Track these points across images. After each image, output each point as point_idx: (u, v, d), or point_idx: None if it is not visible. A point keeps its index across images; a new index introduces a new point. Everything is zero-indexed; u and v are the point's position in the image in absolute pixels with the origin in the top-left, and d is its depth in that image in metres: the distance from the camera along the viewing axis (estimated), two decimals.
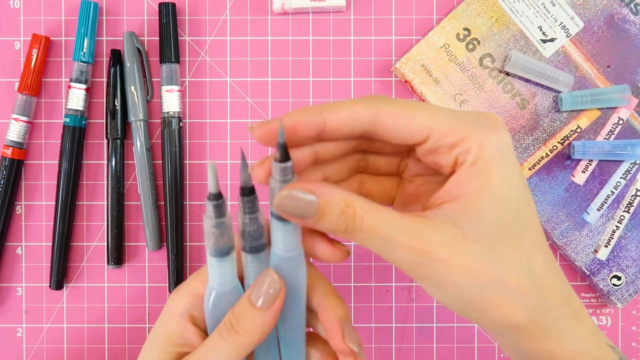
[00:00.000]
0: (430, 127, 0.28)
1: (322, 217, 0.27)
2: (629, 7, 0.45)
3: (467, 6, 0.45)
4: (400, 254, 0.27)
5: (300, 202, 0.27)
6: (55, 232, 0.45)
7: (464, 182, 0.27)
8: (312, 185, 0.27)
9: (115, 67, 0.45)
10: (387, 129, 0.28)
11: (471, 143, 0.27)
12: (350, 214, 0.27)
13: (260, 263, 0.30)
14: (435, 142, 0.28)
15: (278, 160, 0.27)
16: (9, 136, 0.45)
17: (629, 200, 0.45)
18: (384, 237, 0.27)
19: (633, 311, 0.47)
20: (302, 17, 0.46)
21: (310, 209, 0.27)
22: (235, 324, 0.30)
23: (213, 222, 0.29)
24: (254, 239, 0.30)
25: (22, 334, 0.46)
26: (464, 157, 0.27)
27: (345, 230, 0.27)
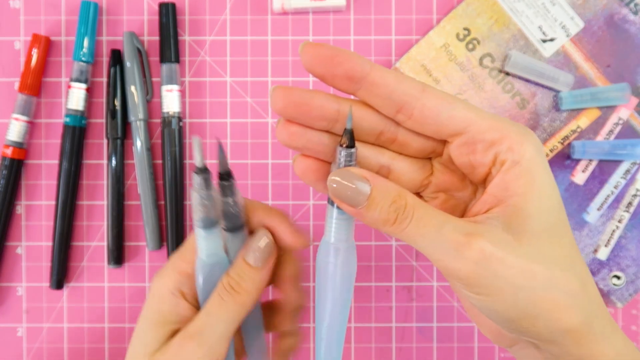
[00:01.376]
0: (471, 119, 0.27)
1: (373, 205, 0.27)
2: (629, 7, 0.45)
3: (467, 6, 0.45)
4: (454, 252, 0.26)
5: (352, 185, 0.27)
6: (55, 232, 0.45)
7: (509, 184, 0.27)
8: (366, 172, 0.27)
9: (115, 67, 0.45)
10: (428, 107, 0.27)
11: (512, 142, 0.27)
12: (402, 204, 0.27)
13: (241, 241, 0.32)
14: (473, 136, 0.27)
15: (345, 145, 0.27)
16: (9, 136, 0.45)
17: (629, 200, 0.45)
18: (436, 231, 0.26)
19: (633, 311, 0.47)
20: (302, 17, 0.46)
21: (362, 195, 0.27)
22: (235, 285, 0.31)
23: (202, 193, 0.30)
24: (234, 220, 0.32)
25: (22, 333, 0.46)
26: (505, 155, 0.27)
27: (395, 220, 0.27)
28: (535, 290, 0.26)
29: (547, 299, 0.27)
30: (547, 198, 0.27)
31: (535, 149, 0.27)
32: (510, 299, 0.27)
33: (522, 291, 0.26)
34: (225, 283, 0.32)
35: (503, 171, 0.27)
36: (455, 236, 0.26)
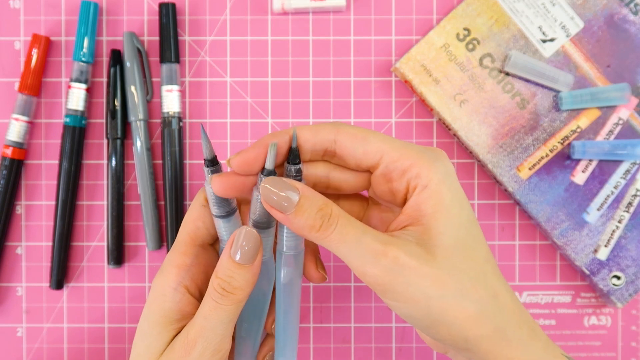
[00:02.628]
0: (383, 150, 0.31)
1: (300, 212, 0.29)
2: (629, 7, 0.45)
3: (467, 6, 0.45)
4: (371, 258, 0.29)
5: (282, 194, 0.29)
6: (55, 232, 0.45)
7: (420, 205, 0.30)
8: (295, 182, 0.30)
9: (115, 67, 0.45)
10: (344, 147, 0.31)
11: (421, 168, 0.30)
12: (327, 212, 0.29)
13: (232, 226, 0.34)
14: (387, 166, 0.31)
15: (291, 162, 0.31)
16: (9, 136, 0.45)
17: (629, 200, 0.45)
18: (357, 239, 0.29)
19: (633, 311, 0.47)
20: (302, 17, 0.46)
21: (290, 201, 0.29)
22: (226, 286, 0.32)
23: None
24: (224, 206, 0.33)
25: (22, 334, 0.46)
26: (415, 181, 0.30)
27: (320, 226, 0.29)
28: (447, 299, 0.29)
29: (457, 308, 0.29)
30: (455, 216, 0.30)
31: (443, 173, 0.30)
32: (423, 307, 0.29)
33: (434, 300, 0.29)
34: (216, 285, 0.32)
35: (415, 194, 0.30)
36: (373, 245, 0.29)
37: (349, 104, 0.46)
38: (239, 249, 0.31)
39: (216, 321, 0.32)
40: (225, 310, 0.32)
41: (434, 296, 0.29)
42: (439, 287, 0.29)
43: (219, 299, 0.32)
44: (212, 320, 0.32)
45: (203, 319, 0.32)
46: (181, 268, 0.33)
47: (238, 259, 0.31)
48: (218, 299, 0.32)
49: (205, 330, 0.32)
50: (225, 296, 0.32)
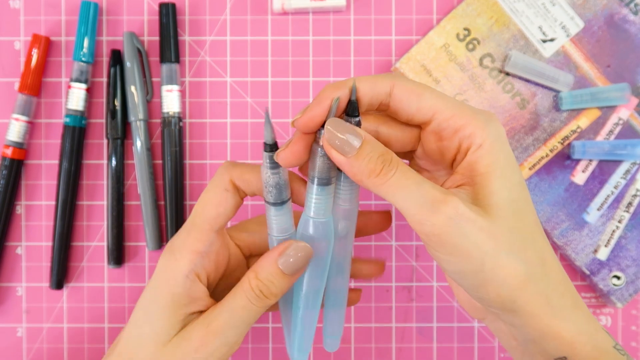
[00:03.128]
0: (436, 108, 0.30)
1: (362, 155, 0.29)
2: (629, 7, 0.45)
3: (467, 6, 0.45)
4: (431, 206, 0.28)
5: (346, 132, 0.29)
6: (55, 232, 0.45)
7: (474, 165, 0.30)
8: (358, 128, 0.29)
9: (115, 67, 0.45)
10: (399, 101, 0.30)
11: (475, 128, 0.29)
12: (388, 158, 0.29)
13: (284, 215, 0.32)
14: (439, 124, 0.30)
15: (350, 115, 0.30)
16: (9, 136, 0.45)
17: (629, 200, 0.45)
18: (417, 185, 0.28)
19: (633, 311, 0.47)
20: (302, 17, 0.46)
21: (353, 143, 0.29)
22: (264, 290, 0.32)
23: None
24: (278, 193, 0.31)
25: (22, 334, 0.46)
26: (469, 140, 0.30)
27: (381, 170, 0.29)
28: (500, 256, 0.28)
29: (509, 267, 0.29)
30: (508, 177, 0.30)
31: (497, 134, 0.30)
32: (477, 262, 0.29)
33: (488, 255, 0.28)
34: (254, 286, 0.32)
35: (469, 154, 0.30)
36: (433, 192, 0.28)
37: None
38: (289, 260, 0.31)
39: (242, 319, 0.32)
40: (254, 311, 0.32)
41: (489, 251, 0.28)
42: (494, 243, 0.28)
43: (254, 299, 0.32)
44: (238, 318, 0.32)
45: (230, 314, 0.32)
46: (196, 254, 0.32)
47: (284, 269, 0.31)
48: (253, 299, 0.32)
49: (228, 326, 0.32)
50: (260, 299, 0.32)
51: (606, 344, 0.31)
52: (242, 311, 0.32)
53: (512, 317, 0.30)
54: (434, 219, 0.28)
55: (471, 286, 0.30)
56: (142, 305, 0.33)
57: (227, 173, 0.33)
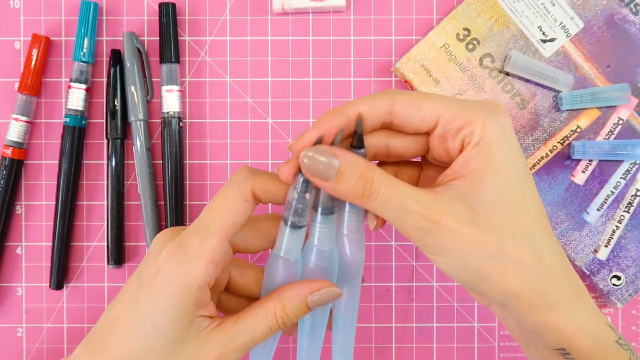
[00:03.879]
0: (439, 113, 0.30)
1: (342, 179, 0.29)
2: (629, 7, 0.45)
3: (467, 6, 0.45)
4: (413, 221, 0.29)
5: (322, 160, 0.29)
6: (55, 232, 0.45)
7: (469, 161, 0.30)
8: (336, 149, 0.30)
9: (115, 67, 0.45)
10: (401, 116, 0.31)
11: (475, 125, 0.30)
12: (369, 178, 0.29)
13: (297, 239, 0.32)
14: (443, 127, 0.30)
15: (356, 146, 0.31)
16: (9, 136, 0.45)
17: (629, 200, 0.45)
18: (398, 205, 0.29)
19: (633, 311, 0.47)
20: (302, 17, 0.46)
21: (331, 169, 0.29)
22: (287, 322, 0.32)
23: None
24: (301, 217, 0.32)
25: (22, 334, 0.46)
26: (469, 138, 0.30)
27: (362, 194, 0.29)
28: (484, 258, 0.29)
29: (495, 266, 0.29)
30: (503, 174, 0.30)
31: (497, 129, 0.30)
32: (460, 263, 0.29)
33: (470, 257, 0.29)
34: (279, 317, 0.32)
35: (465, 150, 0.30)
36: (415, 208, 0.29)
37: None
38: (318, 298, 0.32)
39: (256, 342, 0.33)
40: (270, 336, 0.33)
41: (470, 254, 0.29)
42: (477, 246, 0.29)
43: (275, 328, 0.32)
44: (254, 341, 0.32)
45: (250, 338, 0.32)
46: (211, 265, 0.31)
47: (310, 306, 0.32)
48: (274, 328, 0.32)
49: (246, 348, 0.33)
50: (279, 328, 0.33)
51: (608, 338, 0.31)
52: (261, 337, 0.33)
53: (510, 310, 0.31)
54: (416, 233, 0.29)
55: (462, 281, 0.31)
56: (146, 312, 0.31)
57: (249, 182, 0.32)
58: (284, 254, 0.32)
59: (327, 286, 0.33)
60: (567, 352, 0.31)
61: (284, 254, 0.32)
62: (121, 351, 0.32)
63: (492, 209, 0.29)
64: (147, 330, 0.31)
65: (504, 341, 0.47)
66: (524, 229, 0.30)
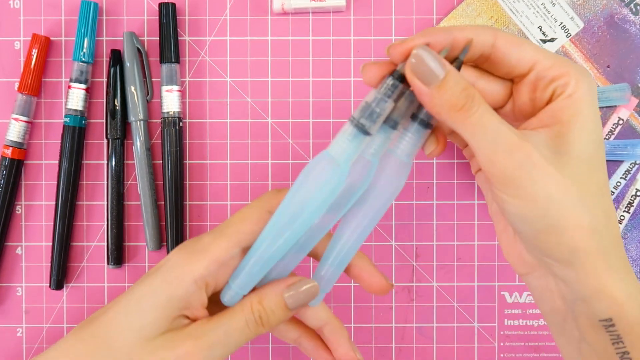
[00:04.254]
0: (537, 59, 0.30)
1: (445, 86, 0.28)
2: (629, 7, 0.45)
3: (467, 6, 0.45)
4: (505, 148, 0.28)
5: (431, 62, 0.29)
6: (55, 232, 0.45)
7: (557, 112, 0.30)
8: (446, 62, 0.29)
9: (115, 67, 0.45)
10: (501, 53, 0.31)
11: (570, 78, 0.30)
12: (472, 93, 0.29)
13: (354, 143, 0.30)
14: (538, 74, 0.30)
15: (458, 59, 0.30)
16: (9, 136, 0.45)
17: (629, 200, 0.45)
18: (494, 127, 0.29)
19: None
20: (302, 17, 0.46)
21: (438, 73, 0.28)
22: (264, 319, 0.32)
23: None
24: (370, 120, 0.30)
25: (22, 334, 0.46)
26: (562, 89, 0.30)
27: (463, 106, 0.29)
28: (566, 205, 0.29)
29: (575, 216, 0.29)
30: (588, 131, 0.30)
31: (588, 89, 0.30)
32: (542, 208, 0.29)
33: (554, 203, 0.29)
34: (255, 310, 0.32)
35: (557, 100, 0.30)
36: (510, 136, 0.28)
37: (349, 104, 0.46)
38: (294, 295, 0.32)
39: (234, 341, 0.32)
40: (247, 336, 0.32)
41: (555, 199, 0.29)
42: (562, 191, 0.29)
43: (252, 324, 0.32)
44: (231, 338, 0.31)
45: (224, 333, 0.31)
46: (214, 263, 0.31)
47: (288, 303, 0.32)
48: (250, 324, 0.32)
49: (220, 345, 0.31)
50: (257, 326, 0.32)
51: None
52: (237, 333, 0.32)
53: (567, 270, 0.30)
54: (506, 162, 0.28)
55: (532, 231, 0.30)
56: (138, 293, 0.32)
57: (275, 198, 0.33)
58: (335, 155, 0.30)
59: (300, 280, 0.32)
60: (612, 323, 0.30)
61: (335, 155, 0.30)
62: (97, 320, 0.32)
63: (576, 161, 0.29)
64: (131, 308, 0.32)
65: (504, 341, 0.47)
66: (599, 187, 0.30)
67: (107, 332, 0.32)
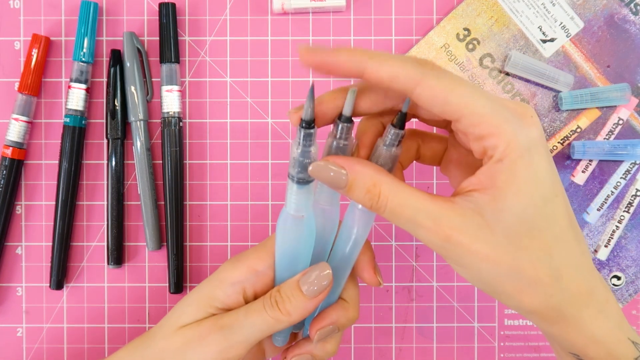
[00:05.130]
0: (462, 113, 0.28)
1: (351, 190, 0.29)
2: (629, 7, 0.45)
3: (467, 6, 0.45)
4: (424, 236, 0.29)
5: (331, 174, 0.29)
6: (55, 232, 0.45)
7: (492, 175, 0.28)
8: (346, 161, 0.29)
9: (115, 67, 0.45)
10: (423, 101, 0.28)
11: (499, 141, 0.28)
12: (375, 193, 0.29)
13: (306, 193, 0.31)
14: (465, 128, 0.28)
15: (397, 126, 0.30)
16: (9, 136, 0.45)
17: (629, 200, 0.45)
18: (409, 219, 0.29)
19: (633, 311, 0.47)
20: (302, 17, 0.46)
21: (341, 181, 0.29)
22: (279, 302, 0.32)
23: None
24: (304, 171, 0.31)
25: (22, 334, 0.46)
26: (492, 152, 0.28)
27: (371, 207, 0.29)
28: (499, 276, 0.29)
29: (510, 284, 0.29)
30: (527, 195, 0.28)
31: (524, 147, 0.28)
32: (476, 276, 0.29)
33: (485, 273, 0.29)
34: (272, 295, 0.33)
35: (489, 164, 0.28)
36: (425, 223, 0.28)
37: None
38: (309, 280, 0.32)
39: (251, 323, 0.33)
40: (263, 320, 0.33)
41: (485, 270, 0.29)
42: (491, 264, 0.28)
43: (268, 307, 0.33)
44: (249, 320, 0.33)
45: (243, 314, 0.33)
46: (250, 271, 0.34)
47: (304, 290, 0.32)
48: (267, 307, 0.33)
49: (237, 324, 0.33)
50: (273, 308, 0.33)
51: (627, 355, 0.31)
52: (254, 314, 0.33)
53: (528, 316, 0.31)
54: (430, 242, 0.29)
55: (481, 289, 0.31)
56: (188, 295, 0.35)
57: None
58: (295, 212, 0.32)
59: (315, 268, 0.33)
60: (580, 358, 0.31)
61: (295, 212, 0.32)
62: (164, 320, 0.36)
63: (510, 228, 0.28)
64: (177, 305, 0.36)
65: (504, 341, 0.47)
66: (542, 249, 0.29)
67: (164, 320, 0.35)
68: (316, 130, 0.30)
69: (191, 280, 0.46)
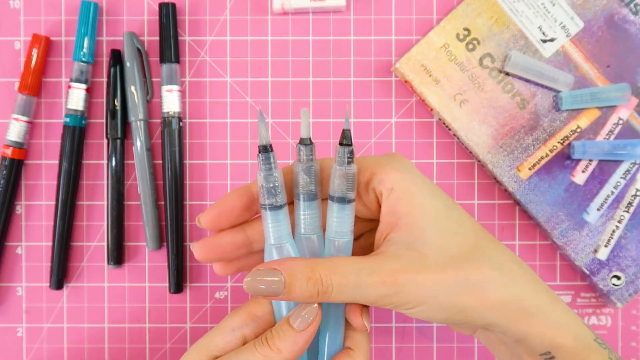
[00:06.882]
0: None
1: (292, 289, 0.30)
2: (629, 7, 0.45)
3: (467, 6, 0.45)
4: (375, 292, 0.29)
5: (267, 281, 0.30)
6: (55, 232, 0.45)
7: (394, 208, 0.31)
8: (275, 263, 0.30)
9: (115, 67, 0.45)
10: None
11: (380, 174, 0.31)
12: (317, 278, 0.30)
13: (283, 219, 0.32)
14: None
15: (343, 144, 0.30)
16: (9, 136, 0.45)
17: (629, 200, 0.45)
18: (355, 285, 0.29)
19: (633, 311, 0.47)
20: (302, 17, 0.46)
21: (279, 285, 0.29)
22: (269, 339, 0.32)
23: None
24: (273, 196, 0.31)
25: (22, 334, 0.46)
26: (380, 187, 0.31)
27: (318, 293, 0.30)
28: (453, 293, 0.30)
29: (466, 295, 0.30)
30: (430, 207, 0.30)
31: (403, 171, 0.31)
32: (435, 306, 0.30)
33: (441, 297, 0.30)
34: (265, 334, 0.33)
35: (384, 200, 0.31)
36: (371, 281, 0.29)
37: (349, 104, 0.46)
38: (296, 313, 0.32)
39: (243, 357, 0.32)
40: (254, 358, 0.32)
41: (440, 294, 0.29)
42: (442, 285, 0.29)
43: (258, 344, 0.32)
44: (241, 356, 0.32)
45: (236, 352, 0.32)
46: (250, 316, 0.33)
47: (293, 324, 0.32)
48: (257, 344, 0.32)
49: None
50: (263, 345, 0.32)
51: (587, 337, 0.32)
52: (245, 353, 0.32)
53: (494, 327, 0.31)
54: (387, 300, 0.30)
55: (442, 321, 0.31)
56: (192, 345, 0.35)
57: None
58: (275, 242, 0.32)
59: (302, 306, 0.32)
60: (552, 355, 0.31)
61: (275, 242, 0.32)
62: None
63: (438, 243, 0.30)
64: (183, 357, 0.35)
65: None
66: (473, 249, 0.31)
67: None
68: (274, 154, 0.31)
69: (191, 280, 0.46)
